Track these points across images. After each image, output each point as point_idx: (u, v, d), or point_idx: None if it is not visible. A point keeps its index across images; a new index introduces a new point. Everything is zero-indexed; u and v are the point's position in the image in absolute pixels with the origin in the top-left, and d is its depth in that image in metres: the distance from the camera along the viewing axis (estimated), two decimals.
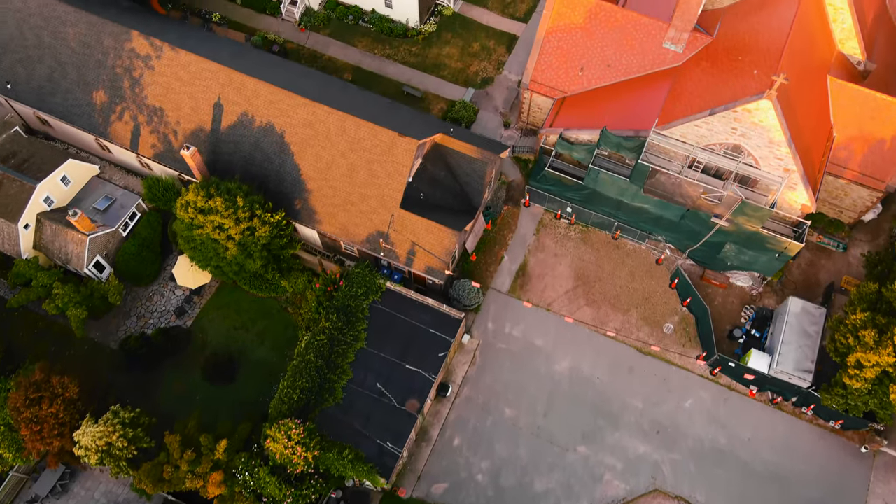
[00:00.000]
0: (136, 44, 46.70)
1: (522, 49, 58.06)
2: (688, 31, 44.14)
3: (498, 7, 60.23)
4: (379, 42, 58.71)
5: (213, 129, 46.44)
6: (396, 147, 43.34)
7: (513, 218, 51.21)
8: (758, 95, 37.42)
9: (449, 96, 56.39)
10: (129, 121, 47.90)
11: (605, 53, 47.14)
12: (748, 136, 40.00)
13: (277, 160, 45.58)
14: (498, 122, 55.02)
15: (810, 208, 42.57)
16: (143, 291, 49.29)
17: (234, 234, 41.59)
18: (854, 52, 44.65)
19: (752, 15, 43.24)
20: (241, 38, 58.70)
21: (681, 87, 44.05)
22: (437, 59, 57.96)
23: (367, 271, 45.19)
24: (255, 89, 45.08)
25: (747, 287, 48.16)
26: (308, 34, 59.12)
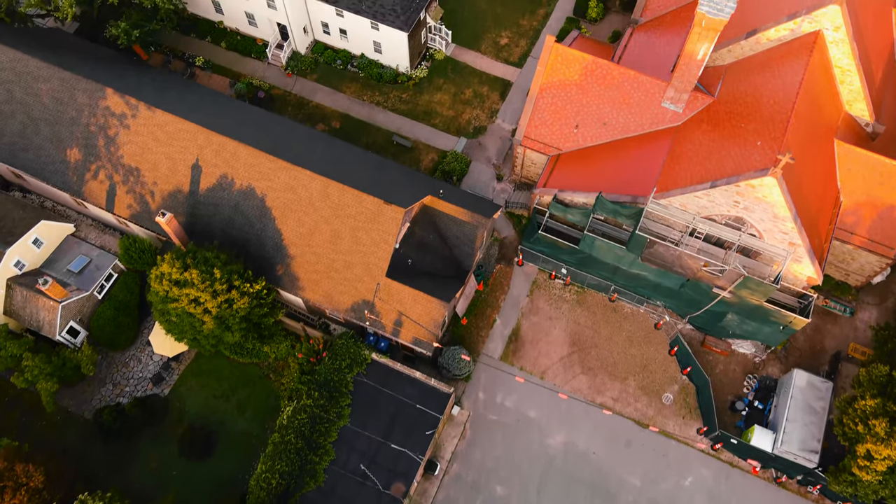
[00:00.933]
0: (111, 102, 44.67)
1: (517, 96, 56.07)
2: (688, 91, 42.16)
3: (491, 51, 58.26)
4: (368, 88, 56.71)
5: (191, 191, 44.42)
6: (382, 215, 41.30)
7: (505, 278, 49.15)
8: (761, 171, 35.39)
9: (440, 146, 54.37)
10: (104, 180, 45.88)
11: (601, 111, 45.16)
12: (751, 209, 37.98)
13: (258, 224, 43.55)
14: (491, 175, 52.98)
15: (816, 281, 40.53)
16: (120, 357, 47.19)
17: (211, 307, 39.53)
18: (862, 113, 42.65)
19: (756, 74, 41.23)
20: (226, 84, 56.72)
21: (680, 149, 42.02)
22: (429, 107, 55.95)
23: (351, 342, 43.11)
24: (234, 151, 43.06)
25: (750, 354, 46.09)
26: (295, 79, 57.11)
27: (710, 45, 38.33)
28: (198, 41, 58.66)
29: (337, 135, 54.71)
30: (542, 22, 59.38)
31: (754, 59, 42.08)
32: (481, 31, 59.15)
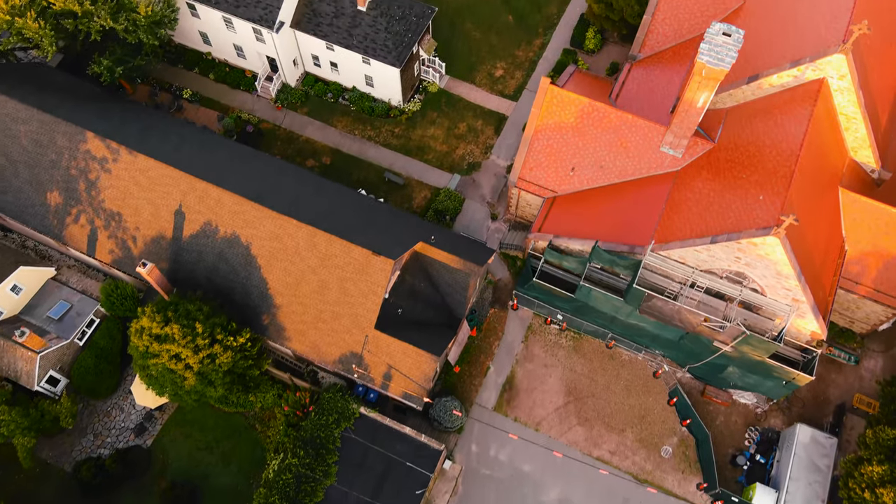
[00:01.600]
0: (92, 145, 43.25)
1: (512, 130, 54.65)
2: (687, 137, 40.76)
3: (486, 83, 56.85)
4: (360, 122, 55.30)
5: (174, 237, 43.00)
6: (371, 266, 39.88)
7: (499, 322, 47.71)
8: (764, 230, 33.97)
9: (433, 183, 52.96)
10: (85, 224, 44.46)
11: (597, 154, 43.75)
12: (753, 265, 36.56)
13: (243, 272, 42.12)
14: (485, 214, 51.56)
15: (820, 336, 39.08)
16: (101, 405, 45.74)
17: (193, 363, 38.08)
18: (868, 160, 41.23)
19: (758, 121, 39.84)
20: (214, 117, 55.31)
21: (680, 197, 40.60)
22: (422, 141, 54.54)
23: (338, 396, 41.68)
24: (218, 198, 41.64)
25: (752, 405, 44.66)
26: (284, 113, 55.70)
27: (711, 93, 36.94)
28: (185, 72, 57.25)
29: (327, 171, 53.36)
30: (538, 53, 58.00)
31: (756, 103, 40.69)
32: (476, 63, 57.76)
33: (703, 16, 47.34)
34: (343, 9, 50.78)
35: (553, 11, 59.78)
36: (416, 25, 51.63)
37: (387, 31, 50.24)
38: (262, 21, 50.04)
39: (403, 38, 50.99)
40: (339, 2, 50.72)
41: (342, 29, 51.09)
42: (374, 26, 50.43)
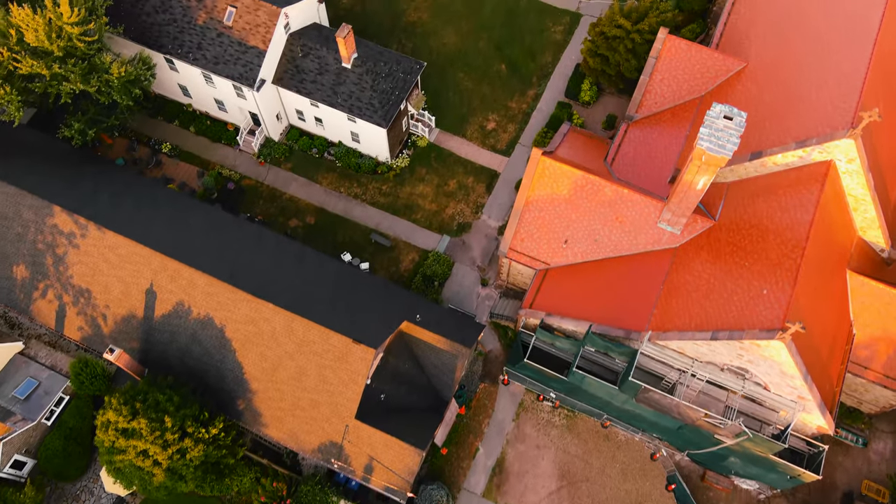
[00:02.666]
0: (59, 219, 41.11)
1: (504, 188, 52.45)
2: (686, 216, 38.61)
3: (478, 137, 54.68)
4: (346, 178, 53.12)
5: (146, 316, 40.80)
6: (351, 354, 37.66)
7: (489, 398, 45.49)
8: (768, 333, 31.77)
9: (422, 244, 50.75)
10: (53, 299, 42.29)
11: (592, 228, 41.59)
12: (756, 363, 34.37)
13: (218, 355, 39.92)
14: (475, 279, 49.37)
15: (827, 431, 36.87)
16: (70, 489, 43.49)
17: (162, 459, 35.89)
18: (877, 240, 39.05)
19: (761, 200, 37.66)
20: (194, 173, 53.13)
21: (678, 280, 38.41)
22: (410, 200, 52.35)
23: (317, 489, 39.46)
24: (191, 279, 39.45)
25: (754, 491, 42.41)
26: (268, 168, 53.54)
27: (711, 177, 34.77)
28: (165, 124, 55.08)
29: (311, 232, 51.16)
30: (532, 104, 55.82)
31: (759, 181, 38.52)
32: (467, 115, 55.59)
33: (704, 77, 45.21)
34: (327, 65, 48.64)
35: (547, 60, 57.65)
36: (403, 82, 49.49)
37: (372, 89, 48.09)
38: (241, 79, 47.89)
39: (390, 97, 48.82)
40: (323, 58, 48.59)
41: (326, 86, 48.94)
42: (359, 84, 48.28)
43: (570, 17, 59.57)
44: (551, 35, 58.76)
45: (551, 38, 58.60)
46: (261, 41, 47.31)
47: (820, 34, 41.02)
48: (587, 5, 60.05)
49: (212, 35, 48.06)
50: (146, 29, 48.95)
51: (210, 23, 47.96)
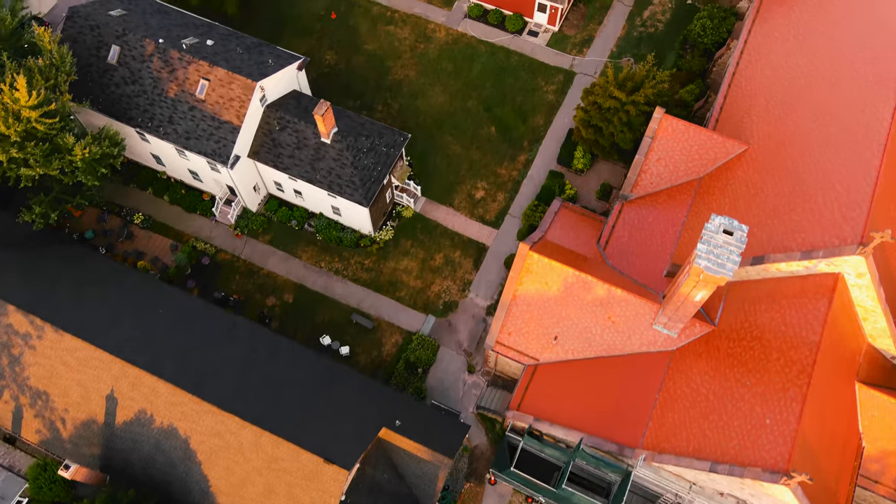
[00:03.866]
0: (14, 319, 38.58)
1: (492, 264, 49.93)
2: (683, 322, 36.11)
3: (466, 207, 52.15)
4: (326, 252, 50.59)
5: (106, 422, 38.25)
6: (322, 474, 35.09)
7: (475, 499, 42.90)
8: (772, 475, 29.22)
9: (405, 325, 48.20)
10: (9, 400, 39.71)
11: (583, 326, 39.09)
12: (759, 498, 31.83)
13: (182, 467, 37.35)
14: (461, 365, 46.82)
15: None
16: None
17: None
18: (888, 347, 36.49)
19: (764, 308, 35.15)
20: (167, 247, 50.59)
21: (675, 391, 35.89)
22: (394, 276, 49.82)
23: None
24: (153, 387, 36.89)
25: None
26: (245, 241, 51.01)
27: (710, 292, 32.27)
28: (138, 192, 52.57)
29: (289, 311, 48.61)
30: (523, 171, 53.31)
31: (762, 286, 36.01)
32: (455, 182, 53.09)
33: (702, 159, 42.77)
34: (306, 140, 46.17)
35: (539, 123, 55.18)
36: (386, 157, 47.02)
37: (353, 165, 45.60)
38: (214, 155, 45.40)
39: (372, 173, 46.33)
40: (302, 132, 46.12)
41: (305, 161, 46.47)
42: (339, 160, 45.80)
43: (563, 76, 57.13)
44: (543, 95, 56.31)
45: (543, 99, 56.15)
46: (235, 116, 44.83)
47: (828, 116, 38.54)
48: (581, 63, 57.62)
49: (183, 108, 45.60)
50: (115, 101, 46.51)
51: (182, 95, 45.50)
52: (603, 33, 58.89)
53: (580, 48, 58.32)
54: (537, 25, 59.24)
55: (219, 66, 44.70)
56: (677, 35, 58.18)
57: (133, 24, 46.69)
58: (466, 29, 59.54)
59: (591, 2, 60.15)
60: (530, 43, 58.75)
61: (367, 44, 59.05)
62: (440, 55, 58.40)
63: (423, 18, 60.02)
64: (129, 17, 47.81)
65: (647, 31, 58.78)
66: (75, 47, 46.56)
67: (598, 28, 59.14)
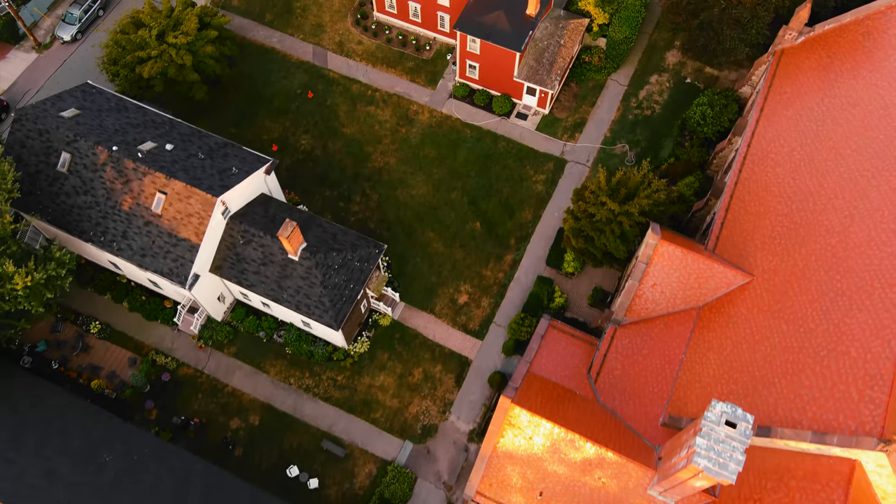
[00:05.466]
0: None
1: (475, 381, 46.30)
2: (681, 496, 32.44)
3: (448, 313, 48.50)
4: (297, 367, 46.93)
5: None
6: None
7: None
8: None
9: (380, 453, 44.50)
10: None
11: (571, 484, 35.36)
12: None
13: None
14: (440, 501, 43.11)
15: None
16: None
17: None
18: None
19: (770, 485, 31.42)
20: (125, 360, 46.96)
21: None
22: (369, 394, 46.14)
23: None
24: None
25: None
26: (209, 353, 47.35)
27: (707, 484, 28.62)
28: (96, 297, 48.98)
29: (255, 435, 44.94)
30: (510, 273, 49.69)
31: (768, 455, 32.28)
32: (437, 285, 49.47)
33: (701, 288, 39.16)
34: (272, 255, 42.57)
35: (527, 218, 51.59)
36: (360, 272, 43.43)
37: (323, 284, 42.00)
38: (171, 275, 41.82)
39: (343, 292, 42.72)
40: (268, 247, 42.53)
41: (271, 279, 42.86)
42: (307, 279, 42.20)
43: (553, 164, 53.59)
44: (532, 186, 52.77)
45: (532, 190, 52.59)
46: (193, 233, 41.25)
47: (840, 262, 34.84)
48: (572, 150, 54.10)
49: (138, 223, 42.03)
50: (65, 212, 42.97)
51: (137, 209, 41.94)
52: (596, 116, 55.38)
53: (572, 133, 54.80)
54: (526, 107, 55.75)
55: (177, 177, 41.13)
56: (675, 118, 54.69)
57: (85, 129, 43.13)
58: (451, 111, 56.07)
59: (583, 81, 56.67)
60: (519, 127, 55.24)
61: (345, 126, 55.55)
62: (423, 140, 54.89)
63: (406, 98, 56.56)
64: (84, 116, 44.29)
65: (643, 113, 55.29)
66: (22, 153, 43.13)
67: (591, 110, 55.63)
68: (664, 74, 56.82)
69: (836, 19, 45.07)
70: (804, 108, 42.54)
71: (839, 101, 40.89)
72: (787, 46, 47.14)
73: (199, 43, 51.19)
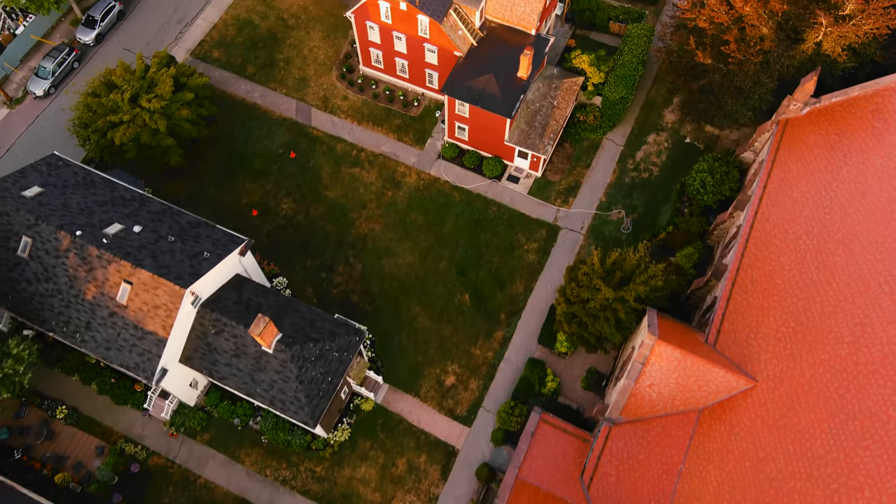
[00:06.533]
0: None
1: (462, 474, 43.72)
2: None
3: (434, 397, 45.97)
4: (273, 456, 44.38)
5: None
6: None
7: None
8: None
9: None
10: None
11: None
12: None
13: None
14: None
15: None
16: None
17: None
18: None
19: None
20: (92, 448, 44.45)
21: None
22: (349, 487, 43.60)
23: None
24: None
25: None
26: (181, 441, 44.82)
27: None
28: (63, 378, 46.49)
29: None
30: (499, 352, 47.17)
31: None
32: (423, 364, 46.95)
33: (701, 391, 36.63)
34: (245, 346, 40.08)
35: (518, 291, 49.09)
36: (339, 363, 40.94)
37: (298, 379, 39.50)
38: (138, 370, 39.35)
39: (321, 386, 40.22)
40: (241, 338, 40.03)
41: (244, 371, 40.37)
42: (282, 373, 39.69)
43: (546, 231, 51.12)
44: (524, 255, 50.29)
45: (524, 260, 50.11)
46: (160, 327, 38.77)
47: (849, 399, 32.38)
48: (566, 216, 51.63)
49: (103, 314, 39.56)
50: (26, 300, 40.53)
51: (101, 299, 39.46)
52: (591, 179, 52.94)
53: (566, 197, 52.35)
54: (518, 170, 53.30)
55: (143, 266, 38.64)
56: (674, 181, 52.25)
57: (48, 210, 40.67)
58: (440, 172, 53.64)
59: (578, 141, 54.23)
60: (510, 190, 52.78)
61: (329, 189, 53.11)
62: (410, 204, 52.44)
63: (393, 159, 54.13)
64: (47, 195, 41.86)
65: (640, 175, 52.85)
66: None
67: (586, 172, 53.19)
68: (662, 133, 54.40)
69: (844, 92, 42.64)
70: (810, 191, 40.08)
71: (848, 188, 38.44)
72: (792, 116, 44.73)
73: (174, 106, 48.84)
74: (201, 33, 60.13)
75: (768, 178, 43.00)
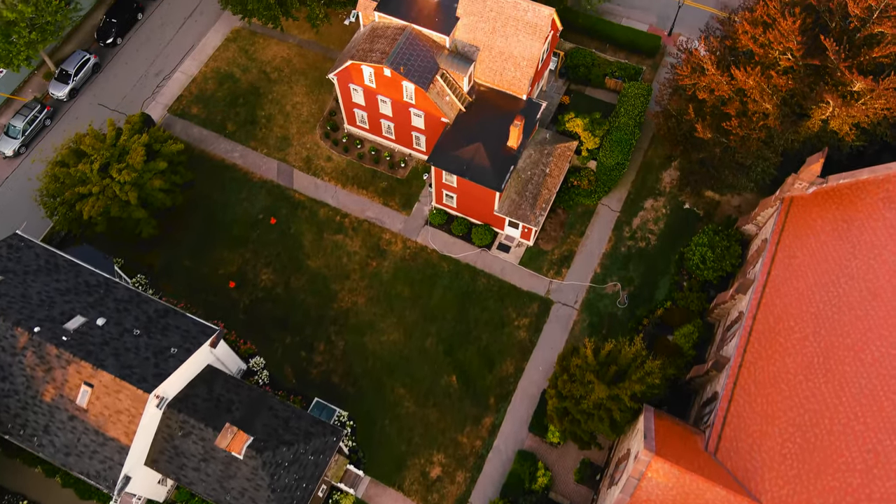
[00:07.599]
0: None
1: None
2: None
3: (418, 491, 43.35)
4: None
5: None
6: None
7: None
8: None
9: None
10: None
11: None
12: None
13: None
14: None
15: None
16: None
17: None
18: None
19: None
20: None
21: None
22: None
23: None
24: None
25: None
26: None
27: None
28: (25, 470, 43.96)
29: None
30: (488, 441, 44.62)
31: None
32: (407, 454, 44.40)
33: None
34: (214, 451, 37.54)
35: (509, 371, 46.57)
36: (314, 467, 38.40)
37: (270, 488, 36.96)
38: (98, 478, 36.79)
39: (294, 493, 37.67)
40: (209, 441, 37.50)
41: (212, 477, 37.81)
42: (253, 480, 37.14)
43: (538, 305, 48.61)
44: (514, 332, 47.77)
45: (514, 338, 47.59)
46: (123, 433, 36.23)
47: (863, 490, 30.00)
48: (559, 288, 49.12)
49: (62, 417, 37.02)
50: None
51: (60, 401, 36.94)
52: (585, 248, 50.45)
53: (558, 268, 49.85)
54: (509, 239, 50.82)
55: (105, 367, 36.12)
56: (672, 251, 49.77)
57: (6, 302, 38.18)
58: (427, 240, 51.15)
59: (571, 207, 51.74)
60: (500, 260, 50.28)
61: (310, 258, 50.62)
62: (395, 275, 49.94)
63: (378, 225, 51.64)
64: (6, 284, 39.34)
65: (637, 244, 50.36)
66: None
67: (580, 241, 50.70)
68: (660, 198, 51.94)
69: (852, 174, 40.17)
70: (818, 284, 37.57)
71: (858, 285, 35.95)
72: (797, 195, 42.30)
73: (146, 176, 46.45)
74: (179, 88, 57.64)
75: (772, 263, 40.54)
